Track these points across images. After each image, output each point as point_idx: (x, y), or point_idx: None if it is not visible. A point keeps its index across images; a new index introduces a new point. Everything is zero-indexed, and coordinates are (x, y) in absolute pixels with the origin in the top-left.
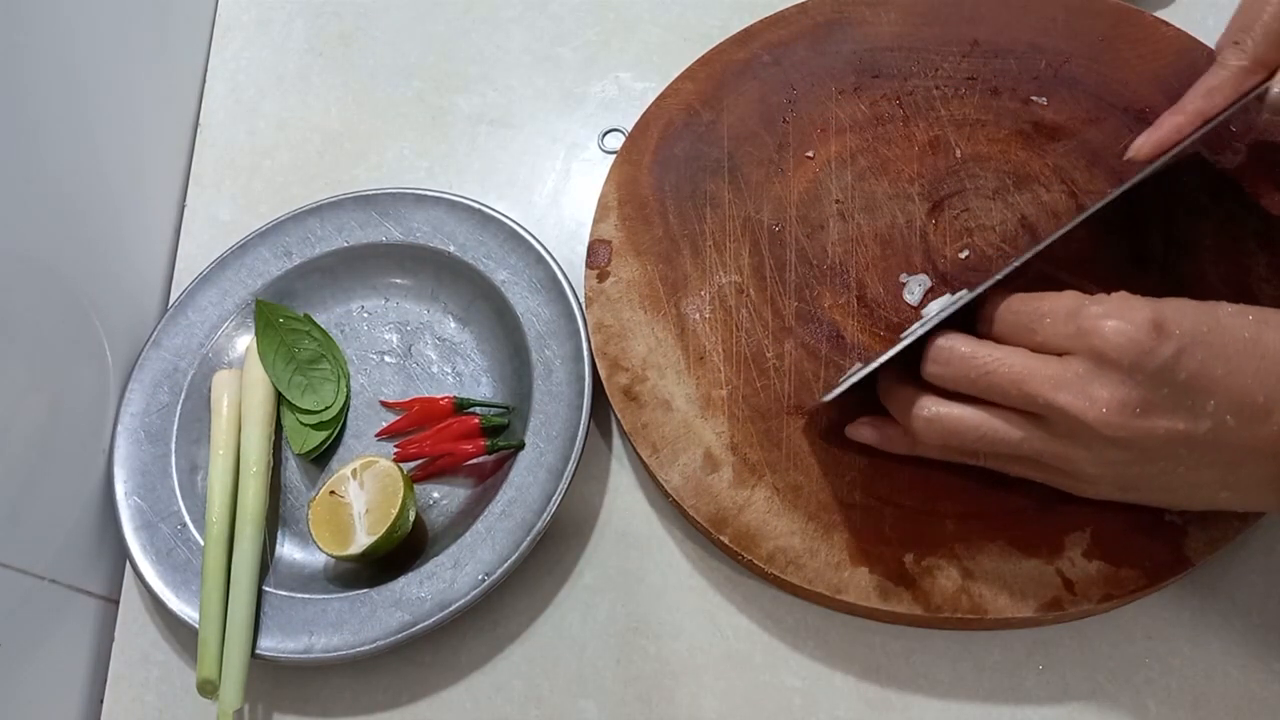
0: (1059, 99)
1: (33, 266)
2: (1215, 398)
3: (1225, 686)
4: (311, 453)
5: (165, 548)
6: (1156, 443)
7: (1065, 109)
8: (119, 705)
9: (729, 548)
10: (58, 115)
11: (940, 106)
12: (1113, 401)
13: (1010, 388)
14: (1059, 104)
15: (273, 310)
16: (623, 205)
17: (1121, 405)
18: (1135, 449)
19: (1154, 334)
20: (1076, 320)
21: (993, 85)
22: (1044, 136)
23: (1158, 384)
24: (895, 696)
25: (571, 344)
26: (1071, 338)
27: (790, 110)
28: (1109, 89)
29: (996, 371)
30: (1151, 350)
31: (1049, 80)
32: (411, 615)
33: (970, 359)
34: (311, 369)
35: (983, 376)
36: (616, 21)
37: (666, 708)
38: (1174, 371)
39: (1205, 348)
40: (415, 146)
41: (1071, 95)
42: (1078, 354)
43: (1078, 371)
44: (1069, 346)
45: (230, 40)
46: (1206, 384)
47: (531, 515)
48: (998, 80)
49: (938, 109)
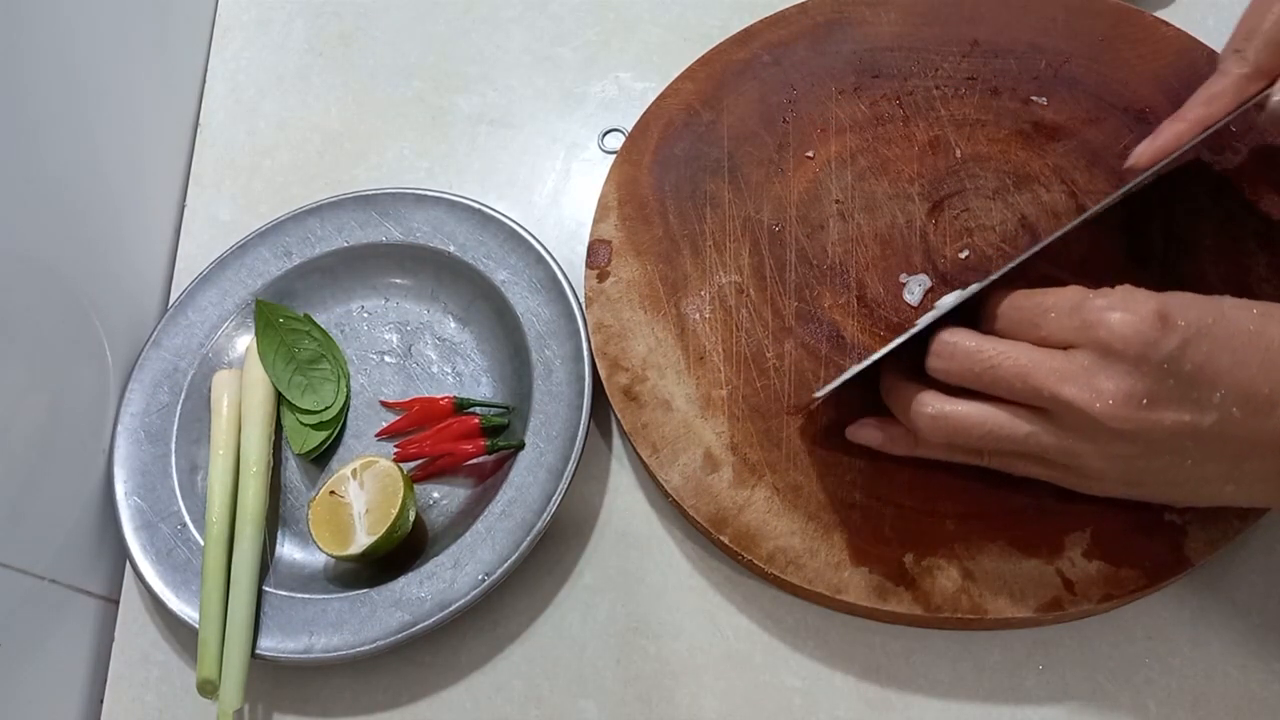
0: (1059, 99)
1: (33, 266)
2: (1221, 390)
3: (1225, 686)
4: (311, 453)
5: (165, 548)
6: (1163, 435)
7: (1065, 109)
8: (119, 705)
9: (729, 548)
10: (58, 115)
11: (940, 106)
12: (1119, 393)
13: (1016, 381)
14: (1059, 104)
15: (273, 310)
16: (623, 205)
17: (1128, 397)
18: (1141, 442)
19: (1159, 325)
20: (1081, 313)
21: (993, 85)
22: (1044, 136)
23: (1164, 375)
24: (895, 696)
25: (571, 344)
26: (1076, 330)
27: (790, 110)
28: (1109, 89)
29: (1001, 365)
30: (1157, 342)
31: (1049, 80)
32: (412, 615)
33: (975, 353)
34: (311, 369)
35: (988, 370)
36: (616, 21)
37: (666, 708)
38: (1180, 363)
39: (1210, 340)
40: (415, 146)
41: (1071, 95)
42: (1083, 347)
43: (1083, 364)
44: (1074, 340)
45: (230, 40)
46: (1212, 376)
47: (532, 515)
48: (998, 80)
49: (938, 109)
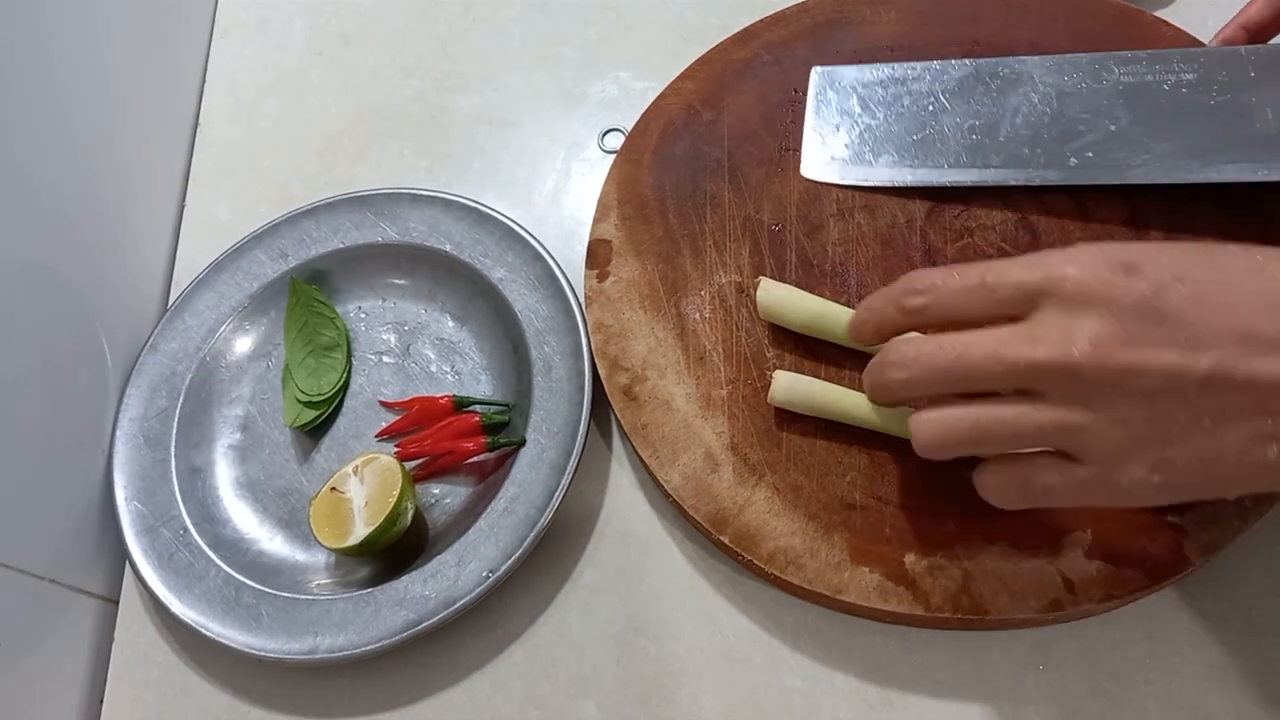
0: None
1: (32, 267)
2: (1209, 327)
3: (1225, 686)
4: (303, 427)
5: (167, 552)
6: (1156, 381)
7: None
8: (119, 705)
9: (729, 548)
10: (57, 115)
11: None
12: (1094, 336)
13: (988, 363)
14: None
15: (306, 291)
16: (623, 205)
17: (1105, 339)
18: (1138, 394)
19: (1124, 271)
20: (1041, 268)
21: None
22: None
23: (1139, 317)
24: (895, 696)
25: (570, 340)
26: (1038, 285)
27: (791, 110)
28: None
29: (968, 353)
30: (1125, 285)
31: None
32: (416, 614)
33: (937, 351)
34: (325, 355)
35: (956, 363)
36: (616, 21)
37: (666, 708)
38: (1154, 303)
39: (1192, 282)
40: (415, 146)
41: None
42: (1047, 305)
43: (1051, 323)
44: (1037, 299)
45: (230, 40)
46: (1197, 315)
47: (534, 511)
48: None
49: None
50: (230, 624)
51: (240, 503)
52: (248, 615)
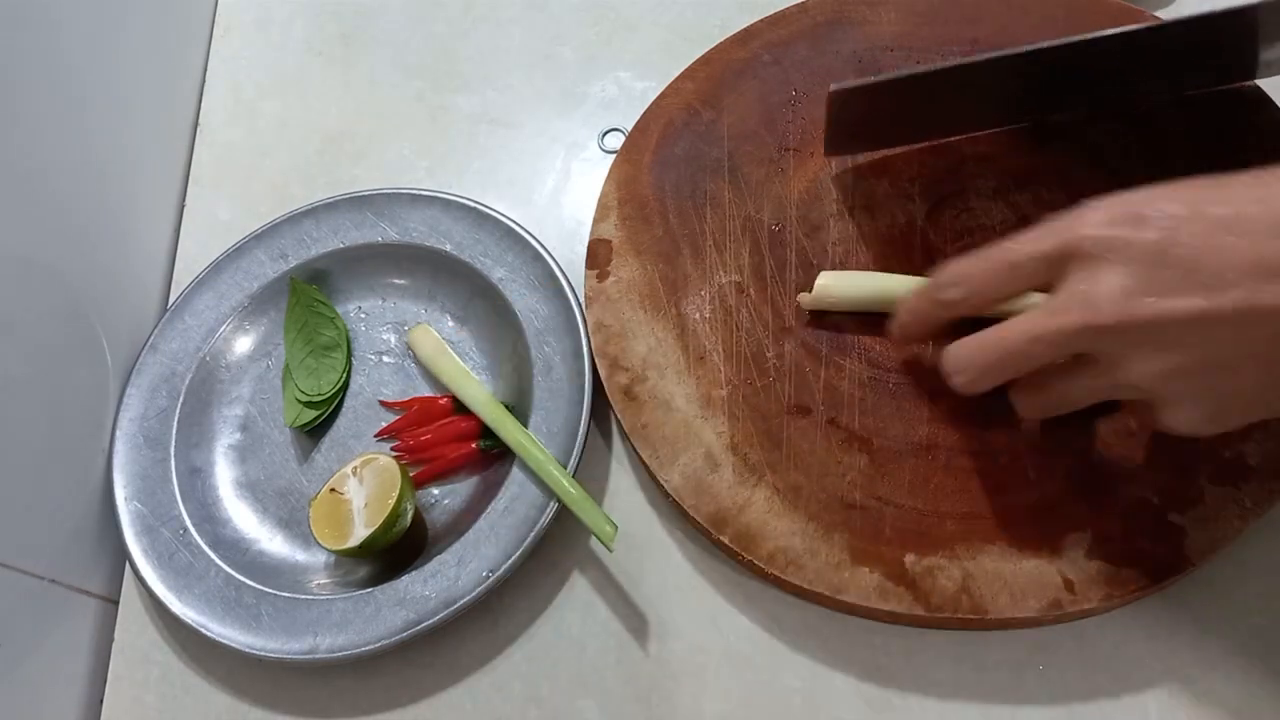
0: None
1: (33, 267)
2: (1227, 264)
3: (1226, 686)
4: (303, 427)
5: (167, 552)
6: (1186, 326)
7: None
8: (119, 705)
9: (729, 548)
10: (57, 115)
11: None
12: (1114, 292)
13: (1029, 345)
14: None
15: (306, 292)
16: (623, 205)
17: (1125, 293)
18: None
19: (1131, 221)
20: (1053, 234)
21: None
22: (1044, 136)
23: (1155, 265)
24: (896, 696)
25: (570, 340)
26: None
27: (791, 109)
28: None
29: (1008, 341)
30: (1136, 237)
31: None
32: (416, 613)
33: (980, 350)
34: (324, 355)
35: (1004, 355)
36: (616, 21)
37: (666, 708)
38: (1169, 247)
39: (1203, 220)
40: (415, 146)
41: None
42: (1071, 269)
43: (1073, 289)
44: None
45: (230, 40)
46: (1210, 254)
47: (535, 511)
48: None
49: None
50: (230, 624)
51: (240, 503)
52: (248, 615)
